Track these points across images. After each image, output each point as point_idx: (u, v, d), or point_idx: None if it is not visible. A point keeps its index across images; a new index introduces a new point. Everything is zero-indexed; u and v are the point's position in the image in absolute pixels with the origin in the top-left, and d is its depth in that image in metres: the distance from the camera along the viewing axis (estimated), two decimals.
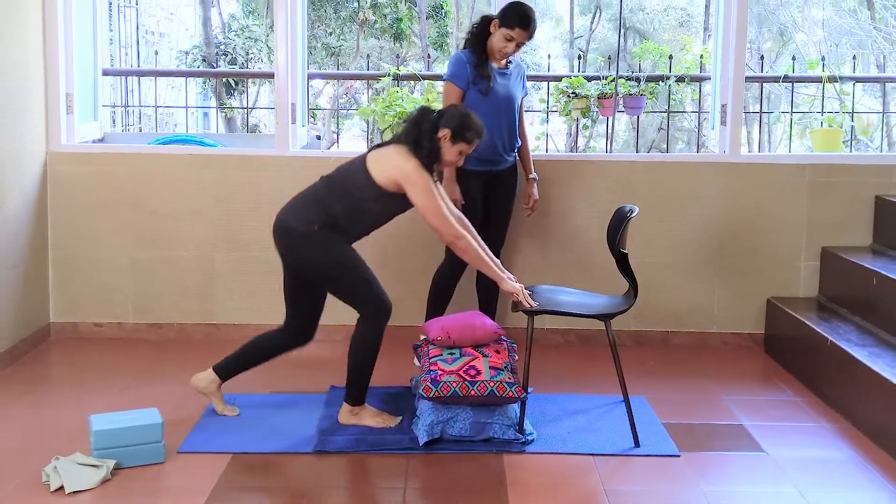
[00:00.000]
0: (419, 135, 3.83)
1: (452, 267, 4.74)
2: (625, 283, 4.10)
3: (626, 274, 4.02)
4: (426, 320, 4.63)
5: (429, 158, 3.83)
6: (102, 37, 5.90)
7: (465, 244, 3.86)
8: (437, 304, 4.83)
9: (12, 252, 4.87)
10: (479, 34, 4.66)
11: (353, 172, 3.88)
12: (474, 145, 3.93)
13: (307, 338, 4.12)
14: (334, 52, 16.14)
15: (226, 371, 4.09)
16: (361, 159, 3.89)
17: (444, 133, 3.84)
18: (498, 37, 4.58)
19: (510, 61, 4.77)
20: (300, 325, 4.08)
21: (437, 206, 3.80)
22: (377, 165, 3.83)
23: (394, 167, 3.80)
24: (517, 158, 4.88)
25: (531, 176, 4.92)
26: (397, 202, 3.89)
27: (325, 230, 3.83)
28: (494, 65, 4.70)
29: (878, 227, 5.24)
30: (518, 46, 4.62)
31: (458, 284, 4.85)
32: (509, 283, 3.98)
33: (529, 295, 3.98)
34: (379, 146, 3.98)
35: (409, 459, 3.70)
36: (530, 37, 4.60)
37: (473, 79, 4.61)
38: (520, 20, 4.54)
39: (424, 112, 3.90)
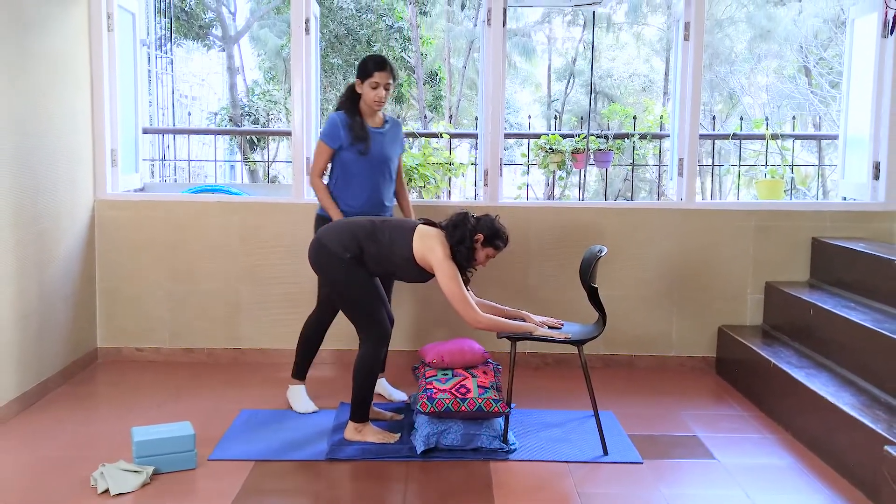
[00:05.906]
0: (465, 235, 3.80)
1: (321, 316, 4.40)
2: (595, 314, 4.14)
3: (596, 305, 4.05)
4: (294, 369, 4.46)
5: (465, 257, 3.81)
6: (142, 100, 5.95)
7: (483, 325, 3.81)
8: (306, 351, 4.44)
9: (65, 285, 4.91)
10: (349, 98, 4.36)
11: (400, 233, 3.85)
12: (499, 252, 3.92)
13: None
14: None
15: None
16: (412, 227, 3.88)
17: (478, 237, 3.84)
18: (365, 90, 4.28)
19: (387, 120, 4.46)
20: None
21: (462, 293, 3.75)
22: (419, 240, 3.81)
23: (430, 250, 3.78)
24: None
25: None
26: (416, 272, 3.88)
27: (354, 260, 3.83)
28: (370, 124, 4.36)
29: (814, 264, 5.28)
30: (387, 89, 4.29)
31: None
32: (540, 331, 3.95)
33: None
34: (428, 222, 3.96)
35: (408, 466, 3.72)
36: (394, 77, 4.31)
37: (351, 140, 4.28)
38: (375, 65, 4.28)
39: (465, 217, 3.86)
